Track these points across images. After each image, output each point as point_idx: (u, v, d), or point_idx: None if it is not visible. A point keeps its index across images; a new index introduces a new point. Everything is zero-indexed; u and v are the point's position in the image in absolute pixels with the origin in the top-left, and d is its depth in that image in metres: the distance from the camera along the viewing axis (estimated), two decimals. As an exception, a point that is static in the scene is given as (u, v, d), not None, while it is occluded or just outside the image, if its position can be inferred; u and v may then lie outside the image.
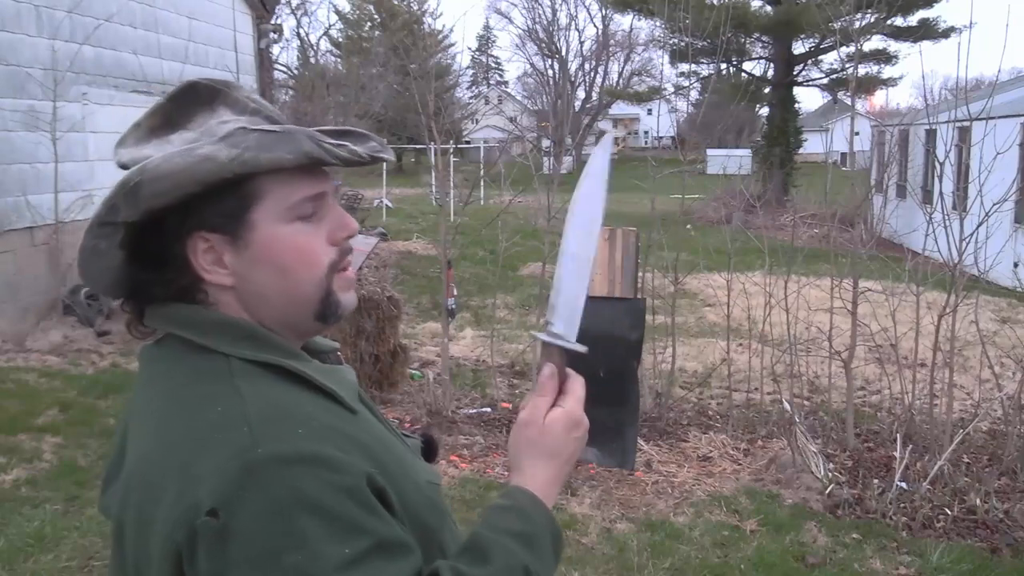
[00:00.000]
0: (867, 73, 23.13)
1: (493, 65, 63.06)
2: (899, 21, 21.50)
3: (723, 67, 25.11)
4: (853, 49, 9.43)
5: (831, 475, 4.58)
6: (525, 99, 53.59)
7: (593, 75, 47.51)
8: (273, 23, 12.49)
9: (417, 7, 37.06)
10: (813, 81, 26.49)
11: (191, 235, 0.92)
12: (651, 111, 47.12)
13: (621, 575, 3.71)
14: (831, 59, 24.82)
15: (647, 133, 49.92)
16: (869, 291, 5.59)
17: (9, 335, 7.16)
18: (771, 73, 25.70)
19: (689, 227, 12.19)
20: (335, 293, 0.97)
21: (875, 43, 22.84)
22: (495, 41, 63.18)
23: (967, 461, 4.80)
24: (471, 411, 5.75)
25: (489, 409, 5.79)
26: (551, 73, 49.06)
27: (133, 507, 0.88)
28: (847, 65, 21.86)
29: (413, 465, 0.99)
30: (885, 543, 4.00)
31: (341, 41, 35.74)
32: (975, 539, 4.07)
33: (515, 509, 0.97)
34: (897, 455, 4.57)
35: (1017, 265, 9.23)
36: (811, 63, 25.60)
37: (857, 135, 6.89)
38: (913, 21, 21.91)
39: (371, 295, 5.82)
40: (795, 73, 25.17)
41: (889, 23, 20.50)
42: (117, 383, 6.19)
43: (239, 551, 0.78)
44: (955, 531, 4.13)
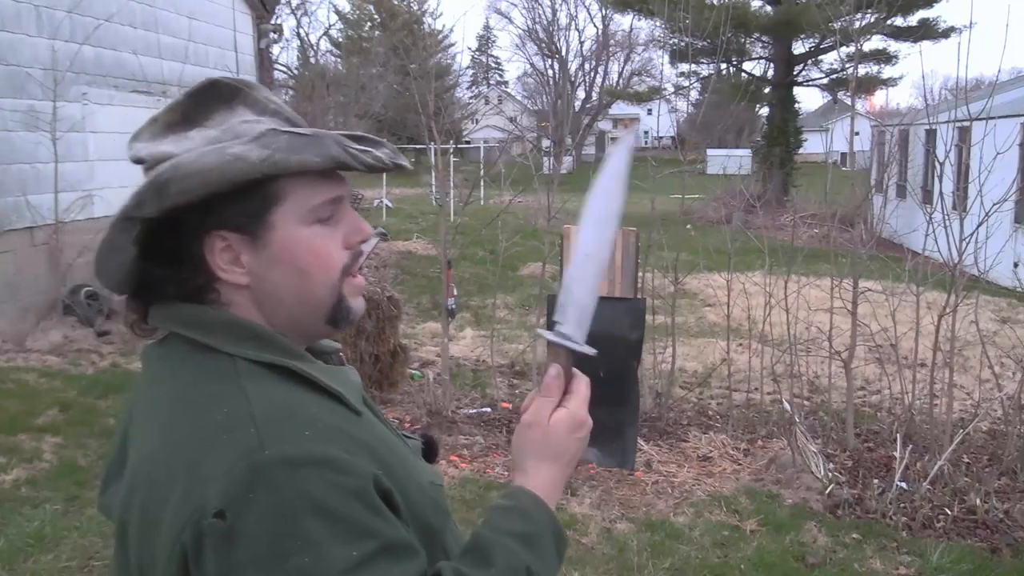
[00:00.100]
0: (867, 73, 23.16)
1: (493, 65, 63.11)
2: (899, 21, 21.51)
3: (723, 67, 25.12)
4: (853, 49, 9.43)
5: (831, 475, 4.58)
6: (525, 99, 53.59)
7: (593, 75, 47.55)
8: (273, 23, 12.49)
9: (417, 7, 37.07)
10: (813, 81, 26.50)
11: (209, 233, 0.92)
12: (651, 111, 47.08)
13: (621, 575, 3.71)
14: (831, 59, 24.88)
15: (647, 133, 49.85)
16: (869, 291, 5.59)
17: (9, 335, 7.16)
18: (771, 73, 25.71)
19: (689, 227, 12.19)
20: (346, 298, 0.98)
21: (875, 43, 22.88)
22: (495, 41, 63.22)
23: (967, 461, 4.80)
24: (471, 411, 5.75)
25: (489, 409, 5.79)
26: (551, 73, 49.08)
27: (137, 507, 0.87)
28: (847, 65, 21.89)
29: (416, 466, 0.99)
30: (885, 543, 4.00)
31: (341, 41, 35.75)
32: (975, 539, 4.07)
33: (517, 510, 0.97)
34: (897, 455, 4.57)
35: (1017, 265, 9.23)
36: (811, 63, 25.62)
37: (857, 135, 6.89)
38: (913, 21, 21.92)
39: (371, 295, 5.82)
40: (795, 73, 25.18)
41: (889, 23, 20.50)
42: (117, 383, 6.19)
43: (246, 552, 0.78)
44: (955, 531, 4.13)
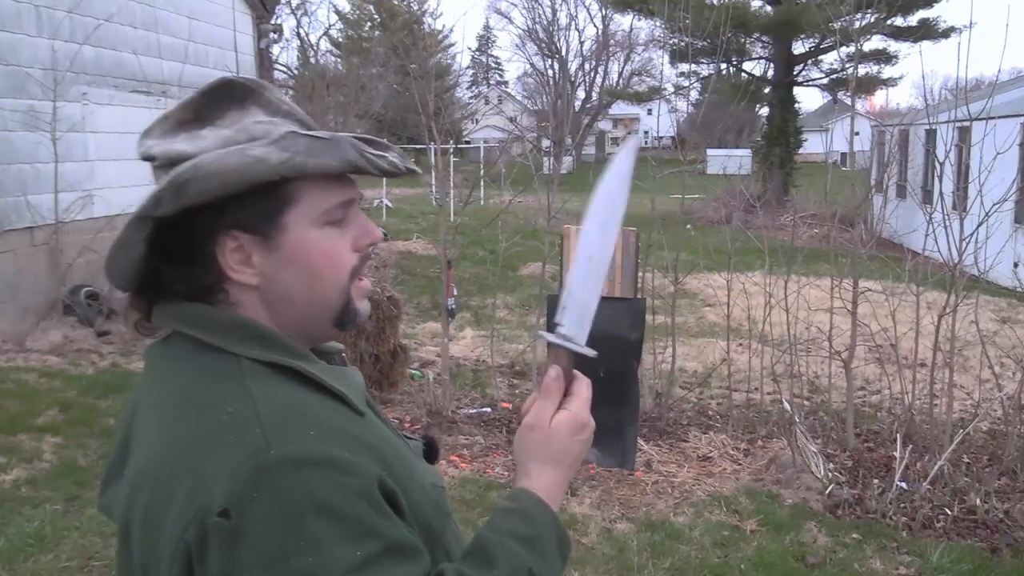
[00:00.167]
0: (867, 73, 23.17)
1: (493, 65, 63.12)
2: (899, 21, 21.52)
3: (723, 67, 25.13)
4: (853, 49, 9.42)
5: (831, 475, 4.58)
6: (525, 99, 53.60)
7: (593, 75, 47.58)
8: (273, 23, 12.48)
9: (417, 7, 37.09)
10: (813, 81, 26.51)
11: (222, 233, 0.92)
12: (651, 111, 47.05)
13: (621, 575, 3.71)
14: (831, 59, 24.90)
15: (647, 133, 49.83)
16: (869, 291, 5.59)
17: (9, 335, 7.16)
18: (771, 73, 25.72)
19: (689, 227, 12.19)
20: (353, 300, 0.99)
21: (875, 43, 22.89)
22: (495, 41, 63.27)
23: (967, 461, 4.80)
24: (471, 411, 5.75)
25: (489, 409, 5.79)
26: (551, 73, 49.09)
27: (141, 507, 0.87)
28: (847, 65, 21.88)
29: (417, 468, 0.99)
30: (885, 543, 4.00)
31: (341, 41, 35.75)
32: (975, 539, 4.07)
33: (520, 512, 0.97)
34: (897, 455, 4.57)
35: (1017, 265, 9.23)
36: (811, 63, 25.63)
37: (857, 135, 6.88)
38: (913, 21, 21.93)
39: (371, 295, 5.80)
40: (795, 73, 25.19)
41: (889, 23, 20.51)
42: (117, 383, 6.19)
43: (250, 552, 0.78)
44: (955, 531, 4.13)
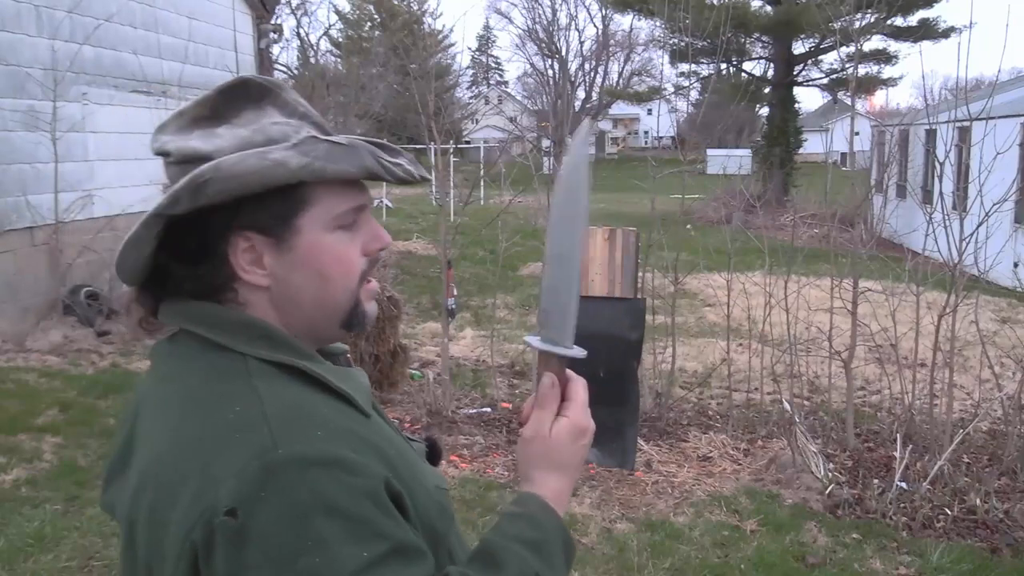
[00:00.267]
0: (867, 73, 23.17)
1: (493, 65, 63.13)
2: (899, 21, 21.52)
3: (723, 67, 25.13)
4: (853, 49, 9.42)
5: (831, 475, 4.57)
6: (525, 99, 53.61)
7: (593, 75, 47.64)
8: (273, 23, 12.47)
9: (417, 7, 37.06)
10: (813, 81, 26.51)
11: (235, 233, 0.92)
12: (651, 111, 47.11)
13: (621, 575, 3.71)
14: (831, 59, 24.89)
15: (647, 133, 49.90)
16: (869, 291, 5.58)
17: (9, 335, 7.16)
18: (771, 73, 25.72)
19: (689, 227, 12.18)
20: (363, 303, 0.99)
21: (875, 43, 22.89)
22: (495, 41, 63.31)
23: (967, 461, 4.80)
24: (471, 411, 5.75)
25: (489, 409, 5.79)
26: (551, 73, 49.11)
27: (146, 506, 0.87)
28: (847, 65, 21.88)
29: (422, 470, 0.99)
30: (885, 543, 4.00)
31: (341, 41, 35.70)
32: (975, 539, 4.07)
33: (526, 516, 0.97)
34: (897, 455, 4.57)
35: (1017, 265, 9.23)
36: (811, 63, 25.63)
37: (857, 135, 6.88)
38: (913, 21, 21.93)
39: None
40: (795, 73, 25.19)
41: (889, 23, 20.51)
42: (117, 383, 6.19)
43: (256, 552, 0.78)
44: (955, 531, 4.13)
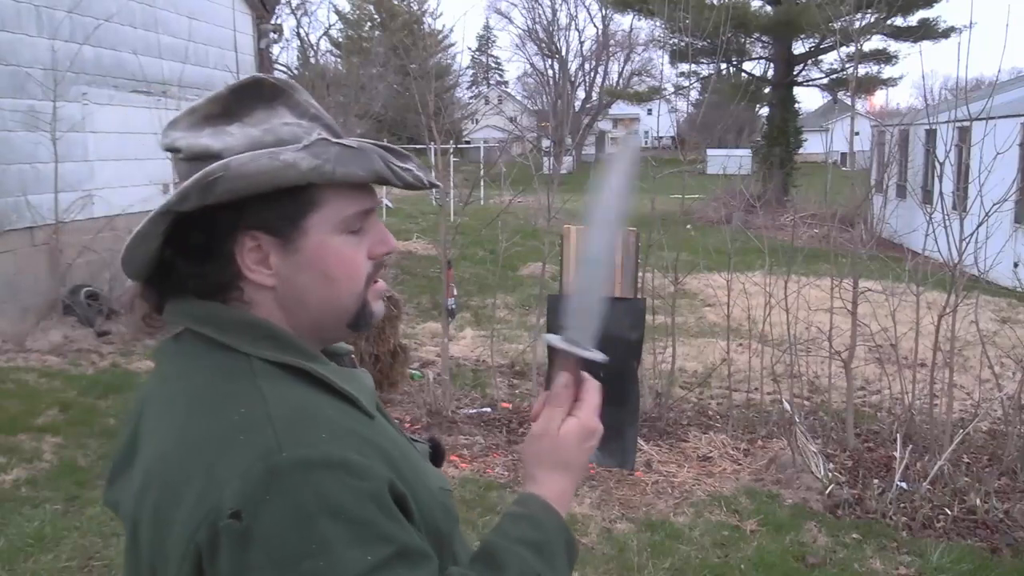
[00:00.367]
0: (867, 73, 23.16)
1: (493, 65, 63.12)
2: (899, 21, 21.52)
3: (723, 67, 25.12)
4: (853, 49, 9.43)
5: (831, 475, 4.57)
6: (525, 99, 53.59)
7: (593, 75, 47.55)
8: (273, 23, 12.48)
9: (417, 7, 37.08)
10: (813, 81, 26.51)
11: (242, 232, 0.92)
12: (651, 111, 47.09)
13: (621, 575, 3.71)
14: (831, 59, 24.89)
15: (647, 133, 49.85)
16: (869, 291, 5.59)
17: (9, 335, 7.16)
18: (771, 73, 25.72)
19: (689, 227, 12.19)
20: (370, 304, 0.99)
21: (875, 43, 22.89)
22: (495, 41, 63.25)
23: (967, 461, 4.80)
24: (471, 411, 5.75)
25: (489, 409, 5.79)
26: (551, 73, 49.09)
27: (150, 506, 0.87)
28: (847, 65, 21.92)
29: (426, 471, 0.99)
30: (885, 543, 4.00)
31: (341, 41, 35.70)
32: (975, 539, 4.07)
33: (528, 517, 0.97)
34: (897, 455, 4.57)
35: (1017, 265, 9.23)
36: (811, 63, 25.62)
37: (857, 135, 6.88)
38: (913, 21, 21.93)
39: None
40: (795, 73, 25.18)
41: (889, 23, 20.51)
42: (117, 383, 6.19)
43: (261, 553, 0.78)
44: (955, 531, 4.13)
